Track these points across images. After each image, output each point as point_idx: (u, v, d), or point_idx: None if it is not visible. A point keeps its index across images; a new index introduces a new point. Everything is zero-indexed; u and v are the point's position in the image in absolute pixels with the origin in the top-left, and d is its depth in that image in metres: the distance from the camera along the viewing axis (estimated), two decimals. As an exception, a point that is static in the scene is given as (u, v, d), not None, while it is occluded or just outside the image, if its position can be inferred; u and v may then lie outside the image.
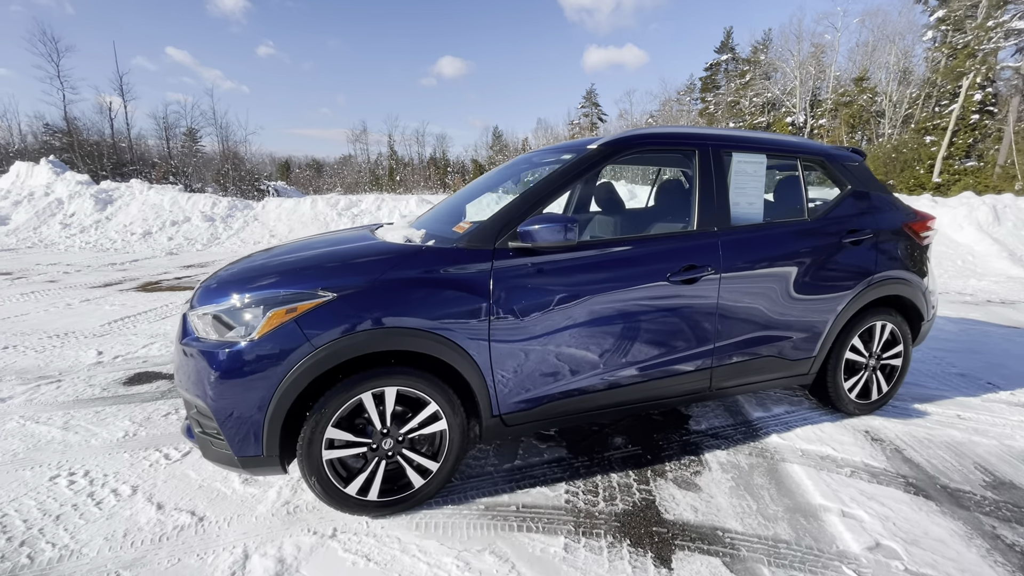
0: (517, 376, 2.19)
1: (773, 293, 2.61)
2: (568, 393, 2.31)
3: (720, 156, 2.62)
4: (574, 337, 2.25)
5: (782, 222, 2.74)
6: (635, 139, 2.52)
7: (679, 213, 2.74)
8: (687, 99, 53.63)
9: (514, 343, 2.14)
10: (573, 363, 2.28)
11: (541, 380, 2.24)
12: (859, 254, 2.82)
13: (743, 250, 2.55)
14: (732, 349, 2.59)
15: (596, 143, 2.51)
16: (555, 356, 2.24)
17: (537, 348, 2.19)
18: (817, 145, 2.97)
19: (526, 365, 2.19)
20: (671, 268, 2.38)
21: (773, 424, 2.94)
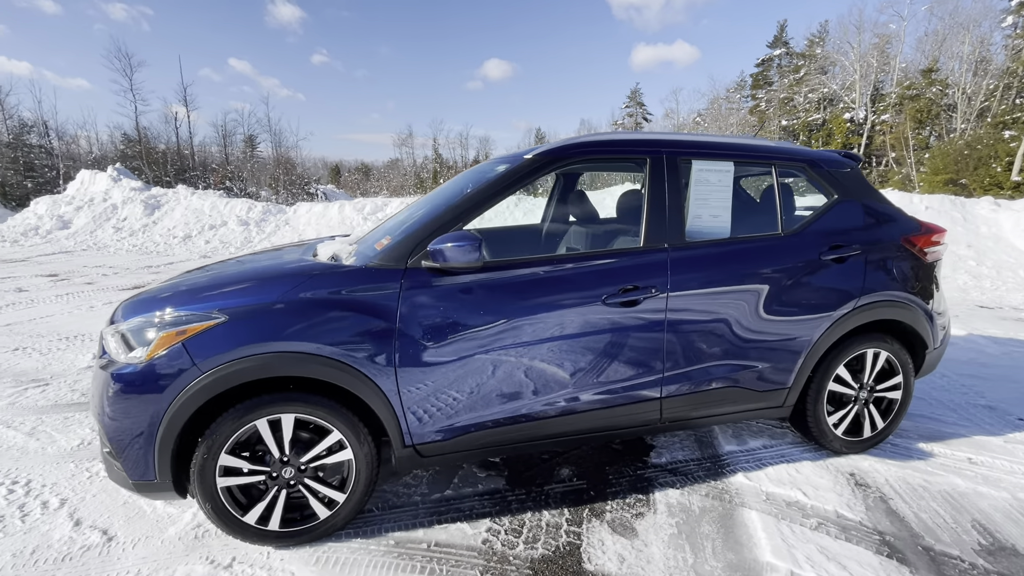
0: (431, 406, 2.05)
1: (735, 317, 2.34)
2: (491, 424, 2.15)
3: (676, 164, 2.38)
4: (495, 366, 2.08)
5: (750, 237, 2.45)
6: (573, 148, 2.31)
7: (632, 228, 2.52)
8: (737, 97, 51.61)
9: (425, 371, 2.00)
10: (495, 393, 2.11)
11: (459, 410, 2.09)
12: (843, 273, 2.48)
13: (698, 269, 2.29)
14: (685, 378, 2.34)
15: (532, 153, 2.33)
16: (473, 386, 2.07)
17: (452, 377, 2.04)
18: (796, 150, 2.65)
19: (440, 394, 2.05)
20: (608, 290, 2.16)
21: (743, 460, 2.65)
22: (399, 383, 1.98)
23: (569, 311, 2.12)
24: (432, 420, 2.07)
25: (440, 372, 2.02)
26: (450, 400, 2.06)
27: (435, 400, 2.05)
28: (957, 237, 8.26)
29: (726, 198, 2.47)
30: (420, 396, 2.02)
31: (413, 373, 1.99)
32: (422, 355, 1.99)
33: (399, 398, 2.00)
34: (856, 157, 2.75)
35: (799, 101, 40.77)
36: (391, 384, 1.97)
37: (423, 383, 2.01)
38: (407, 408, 2.02)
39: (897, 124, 32.97)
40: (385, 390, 1.97)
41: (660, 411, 2.35)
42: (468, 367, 2.05)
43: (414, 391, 2.01)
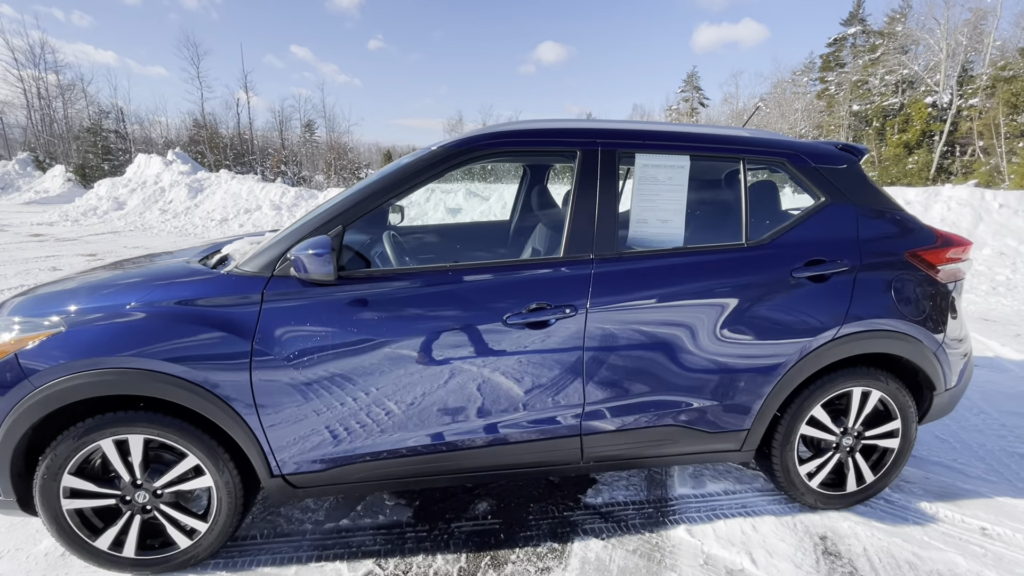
0: (300, 434, 1.80)
1: (677, 345, 1.94)
2: (374, 456, 1.88)
3: (613, 158, 1.99)
4: (371, 394, 1.80)
5: (703, 248, 2.03)
6: (485, 140, 1.97)
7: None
8: (804, 80, 48.20)
9: (290, 396, 1.75)
10: (374, 424, 1.84)
11: (334, 440, 1.83)
12: (822, 294, 2.02)
13: (629, 286, 1.91)
14: (611, 414, 1.97)
15: (439, 144, 2.01)
16: (348, 415, 1.81)
17: (322, 404, 1.78)
18: (773, 140, 2.17)
19: (309, 423, 1.80)
20: (511, 307, 1.83)
21: (694, 509, 2.26)
22: (258, 408, 1.74)
23: (461, 332, 1.81)
24: (302, 449, 1.83)
25: (308, 398, 1.77)
26: (322, 429, 1.81)
27: (304, 428, 1.80)
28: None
29: (678, 199, 2.06)
30: (286, 423, 1.78)
31: (275, 397, 1.75)
32: (285, 378, 1.74)
33: (260, 424, 1.76)
34: (858, 149, 2.23)
35: (874, 84, 37.57)
36: (249, 409, 1.74)
37: (289, 409, 1.77)
38: (271, 435, 1.78)
39: (987, 109, 29.70)
40: (243, 415, 1.74)
41: (580, 449, 2.00)
42: (340, 394, 1.78)
43: (278, 417, 1.77)
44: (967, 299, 6.14)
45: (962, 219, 7.75)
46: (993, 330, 5.00)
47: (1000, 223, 7.56)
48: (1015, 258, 6.97)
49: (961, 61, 32.37)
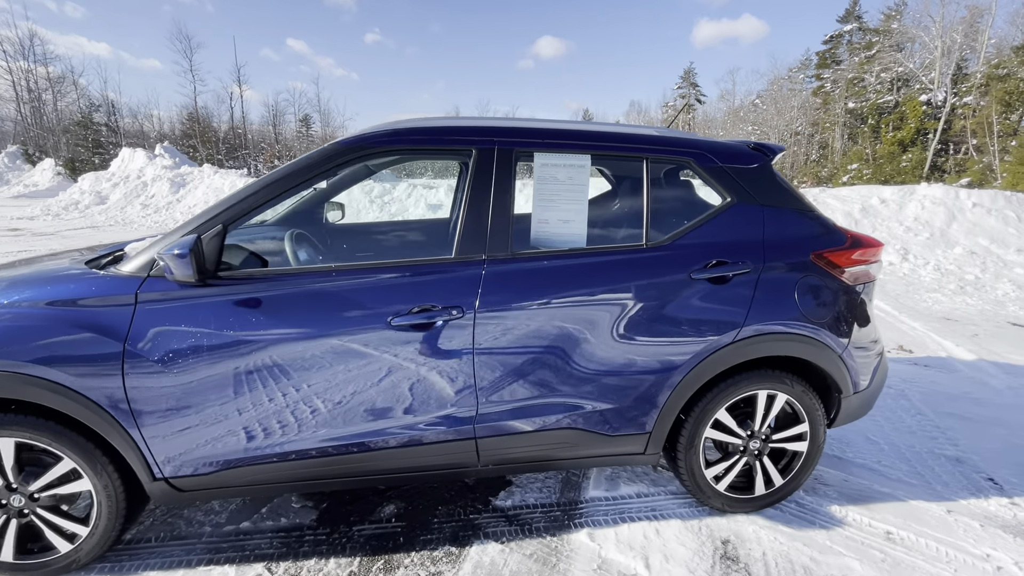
0: (178, 435, 1.77)
1: (571, 348, 1.92)
2: (262, 458, 1.85)
3: (509, 157, 1.95)
4: (255, 395, 1.77)
5: (602, 249, 2.00)
6: (376, 139, 1.93)
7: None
8: (800, 77, 48.14)
9: (167, 397, 1.72)
10: (260, 426, 1.81)
11: (218, 443, 1.80)
12: (723, 296, 1.99)
13: (521, 287, 1.88)
14: (506, 417, 1.95)
15: (331, 143, 1.98)
16: (231, 416, 1.78)
17: (200, 405, 1.75)
18: (679, 138, 2.13)
19: (187, 424, 1.76)
20: (397, 309, 1.80)
21: (602, 512, 2.24)
22: (134, 411, 1.71)
23: (343, 335, 1.78)
24: (183, 452, 1.80)
25: (185, 401, 1.73)
26: (202, 432, 1.78)
27: (183, 431, 1.77)
28: (1007, 240, 7.14)
29: (579, 199, 2.03)
30: (164, 426, 1.75)
31: (150, 400, 1.71)
32: (161, 380, 1.70)
33: (137, 427, 1.73)
34: (771, 149, 2.20)
35: (869, 81, 37.52)
36: (124, 411, 1.71)
37: (166, 412, 1.73)
38: (149, 438, 1.75)
39: (981, 108, 29.69)
40: (118, 418, 1.71)
41: (476, 453, 1.97)
42: (218, 398, 1.75)
43: (155, 420, 1.74)
44: (932, 298, 6.13)
45: (936, 218, 7.74)
46: (952, 330, 4.99)
47: (973, 222, 7.54)
48: (985, 257, 6.96)
49: (956, 59, 32.32)
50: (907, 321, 5.28)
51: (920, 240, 7.49)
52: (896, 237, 7.67)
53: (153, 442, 1.76)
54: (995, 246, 7.05)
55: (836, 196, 8.96)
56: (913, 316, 5.46)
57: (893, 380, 3.71)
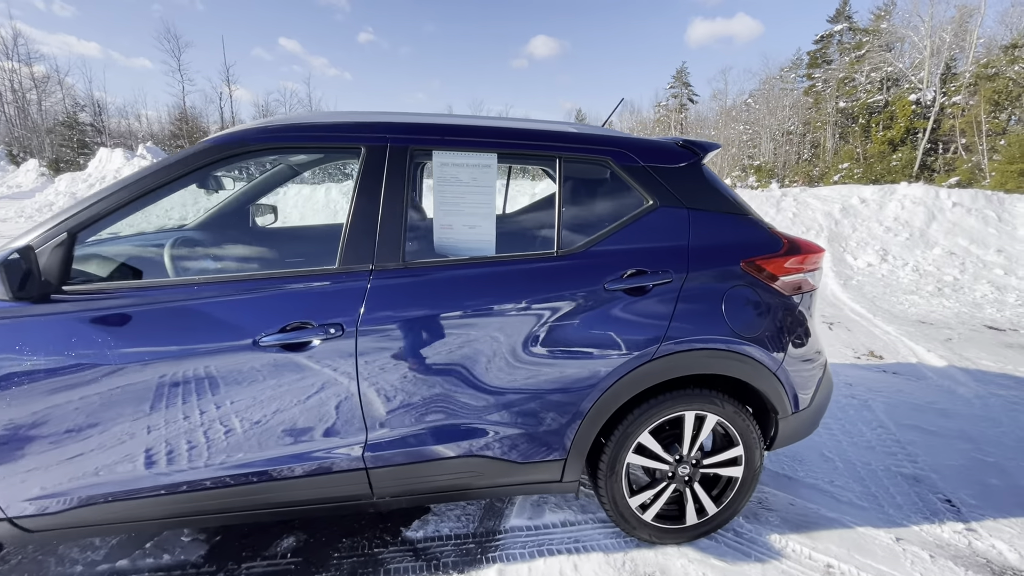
0: (22, 471, 1.57)
1: (470, 368, 1.72)
2: (126, 494, 1.65)
3: (404, 155, 1.76)
4: (109, 423, 1.57)
5: (509, 258, 1.81)
6: (255, 134, 1.73)
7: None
8: (791, 76, 48.23)
9: (5, 429, 1.52)
10: (117, 459, 1.60)
11: (70, 478, 1.60)
12: (639, 309, 1.80)
13: (413, 301, 1.69)
14: (398, 445, 1.75)
15: (207, 139, 1.78)
16: (78, 447, 1.58)
17: (41, 437, 1.54)
18: (598, 135, 1.94)
19: (27, 457, 1.56)
20: (265, 327, 1.60)
21: (519, 544, 2.04)
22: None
23: (205, 356, 1.58)
24: (29, 489, 1.59)
25: (22, 432, 1.53)
26: (45, 467, 1.58)
27: (27, 464, 1.56)
28: (987, 240, 7.00)
29: (486, 202, 1.84)
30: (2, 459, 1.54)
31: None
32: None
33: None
34: (702, 147, 2.01)
35: (860, 81, 37.55)
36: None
37: (3, 442, 1.53)
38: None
39: (970, 107, 29.73)
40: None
41: (369, 484, 1.78)
42: (63, 427, 1.55)
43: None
44: (909, 300, 5.98)
45: (915, 218, 7.60)
46: (925, 334, 4.83)
47: (953, 222, 7.40)
48: (964, 258, 6.82)
49: (945, 58, 32.36)
50: (881, 325, 5.12)
51: (900, 240, 7.35)
52: (876, 237, 7.52)
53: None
54: (975, 246, 6.91)
55: (817, 196, 8.81)
56: (888, 319, 5.30)
57: (858, 390, 3.55)
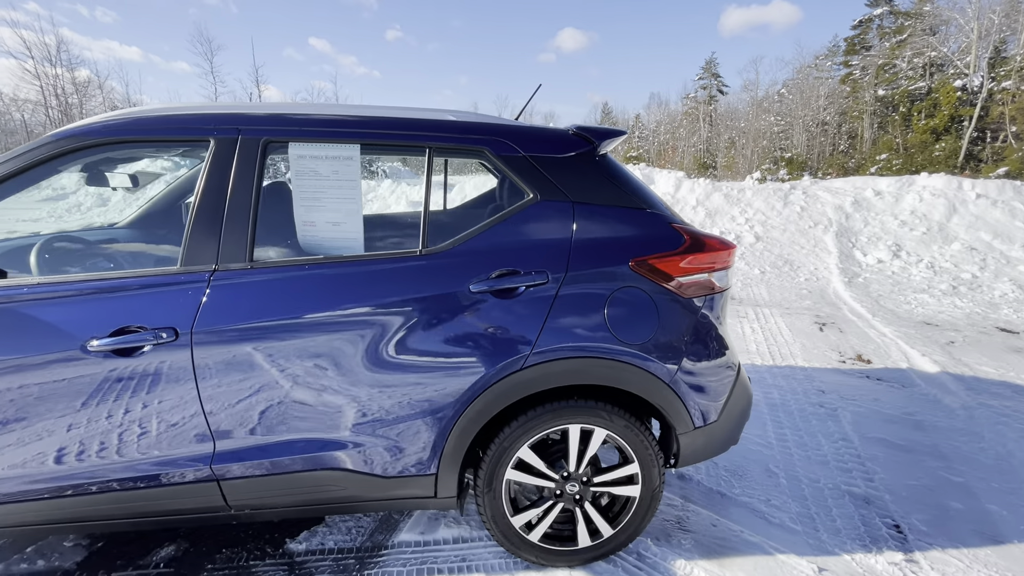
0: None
1: (322, 374, 1.61)
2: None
3: (256, 148, 1.65)
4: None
5: (368, 257, 1.68)
6: (95, 129, 1.64)
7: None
8: (827, 64, 46.27)
9: None
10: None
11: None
12: (510, 313, 1.65)
13: (257, 304, 1.58)
14: (250, 456, 1.65)
15: (49, 135, 1.71)
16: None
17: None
18: (473, 123, 1.78)
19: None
20: (96, 331, 1.52)
21: (403, 561, 1.92)
22: None
23: (29, 363, 1.51)
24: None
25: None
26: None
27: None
28: (1012, 234, 6.46)
29: (350, 197, 1.71)
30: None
31: None
32: None
33: None
34: (597, 133, 1.83)
35: (900, 67, 35.70)
36: None
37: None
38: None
39: (1022, 92, 27.82)
40: None
41: (223, 496, 1.68)
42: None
43: None
44: (917, 300, 5.56)
45: (934, 211, 7.09)
46: (926, 336, 4.46)
47: (976, 215, 6.87)
48: (986, 254, 6.31)
49: (994, 42, 30.38)
50: (878, 327, 4.76)
51: (915, 235, 6.86)
52: (889, 232, 7.05)
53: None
54: (998, 241, 6.39)
55: (828, 188, 8.33)
56: (888, 320, 4.93)
57: (829, 398, 3.28)
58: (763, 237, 7.50)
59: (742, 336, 4.53)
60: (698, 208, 8.38)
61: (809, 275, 6.56)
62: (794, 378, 3.61)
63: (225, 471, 1.65)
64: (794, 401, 3.23)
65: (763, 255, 7.08)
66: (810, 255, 7.02)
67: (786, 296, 5.88)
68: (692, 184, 8.82)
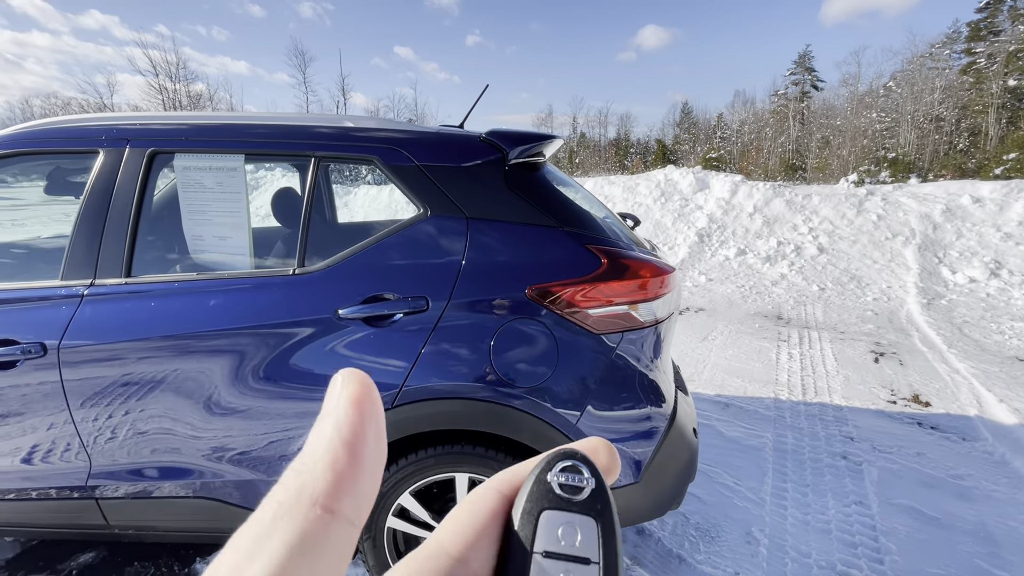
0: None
1: (188, 398, 1.51)
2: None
3: (141, 160, 1.59)
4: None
5: (242, 275, 1.56)
6: (5, 140, 1.66)
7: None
8: (945, 53, 41.24)
9: None
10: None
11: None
12: (380, 344, 1.45)
13: (126, 321, 1.51)
14: (123, 478, 1.59)
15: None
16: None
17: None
18: (365, 130, 1.59)
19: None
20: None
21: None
22: None
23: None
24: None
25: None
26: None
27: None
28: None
29: (235, 210, 1.61)
30: None
31: None
32: None
33: None
34: (508, 139, 1.59)
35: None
36: None
37: None
38: None
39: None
40: None
41: (102, 514, 1.64)
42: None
43: None
44: (1015, 330, 4.63)
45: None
46: (1014, 376, 3.68)
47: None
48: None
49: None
50: (951, 361, 4.00)
51: (1023, 251, 5.77)
52: (988, 246, 5.98)
53: None
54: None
55: (914, 195, 7.25)
56: (966, 353, 4.14)
57: (857, 447, 2.76)
58: (827, 249, 6.66)
59: (774, 363, 3.99)
60: (755, 216, 7.62)
61: (879, 294, 5.72)
62: (821, 419, 3.09)
63: (100, 491, 1.61)
64: (810, 448, 2.74)
65: (825, 269, 6.27)
66: (883, 271, 6.12)
67: (845, 318, 5.15)
68: (750, 189, 8.04)
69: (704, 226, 7.87)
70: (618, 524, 0.22)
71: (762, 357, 4.11)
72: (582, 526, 0.22)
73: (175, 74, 41.55)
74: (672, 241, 7.87)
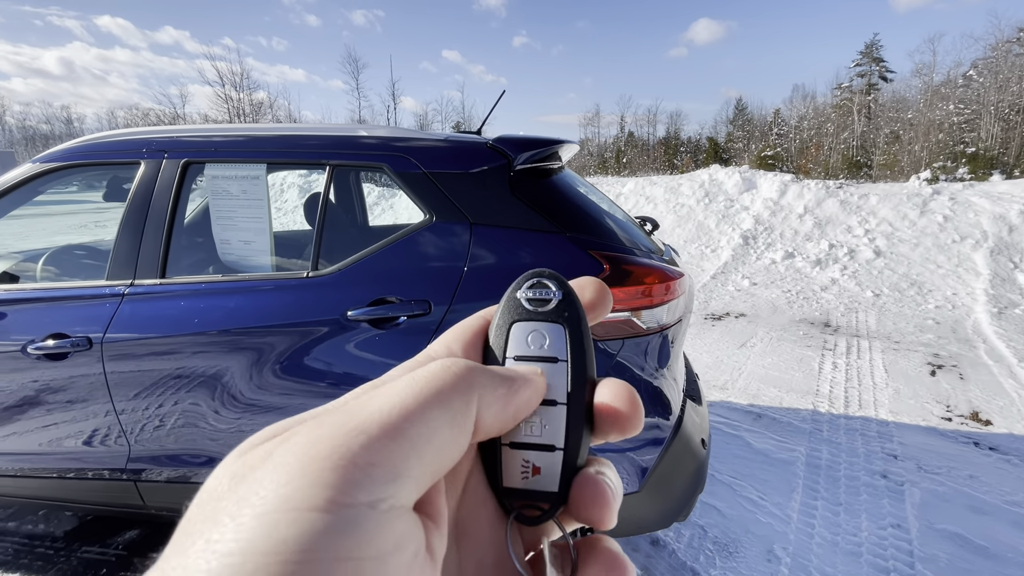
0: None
1: (215, 392, 1.62)
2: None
3: (176, 169, 1.72)
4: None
5: (264, 278, 1.65)
6: (57, 155, 1.83)
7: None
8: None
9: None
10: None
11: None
12: (384, 346, 1.51)
13: (162, 318, 1.64)
14: (159, 463, 1.72)
15: (35, 159, 1.94)
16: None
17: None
18: (375, 138, 1.64)
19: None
20: (34, 335, 1.69)
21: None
22: None
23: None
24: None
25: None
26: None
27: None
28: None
29: (259, 216, 1.71)
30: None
31: None
32: None
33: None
34: (515, 146, 1.60)
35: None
36: None
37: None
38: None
39: None
40: None
41: (140, 495, 1.79)
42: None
43: None
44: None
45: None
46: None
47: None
48: None
49: None
50: (1021, 376, 3.67)
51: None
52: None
53: None
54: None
55: (987, 194, 6.67)
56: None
57: (902, 466, 2.59)
58: (885, 253, 6.23)
59: (816, 373, 3.79)
60: (805, 217, 7.24)
61: (942, 302, 5.31)
62: (863, 434, 2.91)
63: (139, 474, 1.75)
64: (847, 465, 2.60)
65: (882, 274, 5.88)
66: (948, 276, 5.67)
67: (901, 327, 4.82)
68: (800, 189, 7.63)
69: (750, 228, 7.57)
70: (587, 328, 0.25)
71: (803, 366, 3.91)
72: (550, 332, 0.24)
73: (239, 84, 44.06)
74: (715, 243, 7.61)
